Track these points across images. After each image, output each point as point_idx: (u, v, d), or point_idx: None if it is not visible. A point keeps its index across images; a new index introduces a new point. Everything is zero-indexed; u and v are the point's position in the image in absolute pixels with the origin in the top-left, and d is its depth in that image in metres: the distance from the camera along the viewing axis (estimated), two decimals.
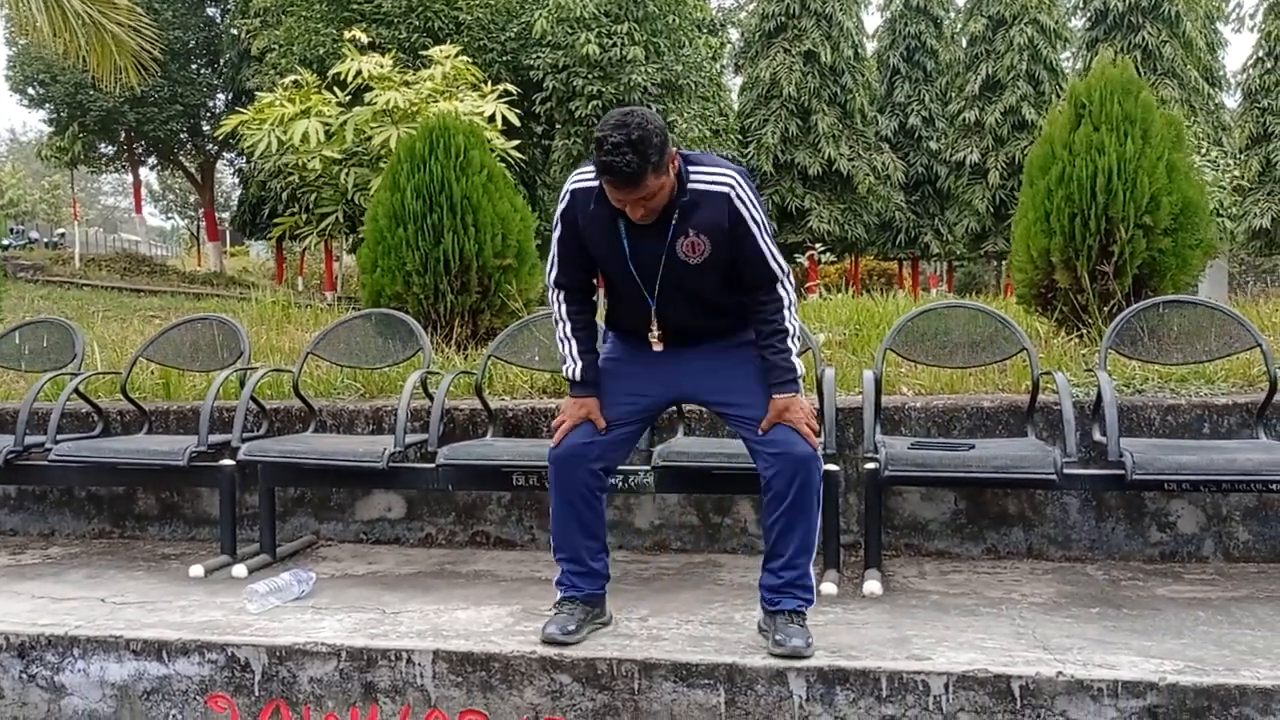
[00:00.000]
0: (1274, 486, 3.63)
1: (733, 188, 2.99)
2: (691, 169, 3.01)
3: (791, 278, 3.13)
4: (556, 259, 3.20)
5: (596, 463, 3.26)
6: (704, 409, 4.14)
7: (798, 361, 3.13)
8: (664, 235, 3.01)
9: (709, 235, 3.00)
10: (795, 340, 3.11)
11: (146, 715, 3.36)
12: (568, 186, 3.14)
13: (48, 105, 30.32)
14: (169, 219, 66.22)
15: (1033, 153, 5.75)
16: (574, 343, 3.24)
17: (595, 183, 3.00)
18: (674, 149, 2.94)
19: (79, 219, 34.90)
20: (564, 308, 3.24)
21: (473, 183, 6.07)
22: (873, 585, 3.76)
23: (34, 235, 41.26)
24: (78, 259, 28.66)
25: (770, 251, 3.07)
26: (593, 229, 3.10)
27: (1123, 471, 3.60)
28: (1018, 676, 2.89)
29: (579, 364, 3.23)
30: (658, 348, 3.17)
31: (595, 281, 3.32)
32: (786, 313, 3.09)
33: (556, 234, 3.17)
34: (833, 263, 29.97)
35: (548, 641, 3.18)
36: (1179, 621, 3.36)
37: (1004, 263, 30.02)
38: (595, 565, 3.34)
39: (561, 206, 3.15)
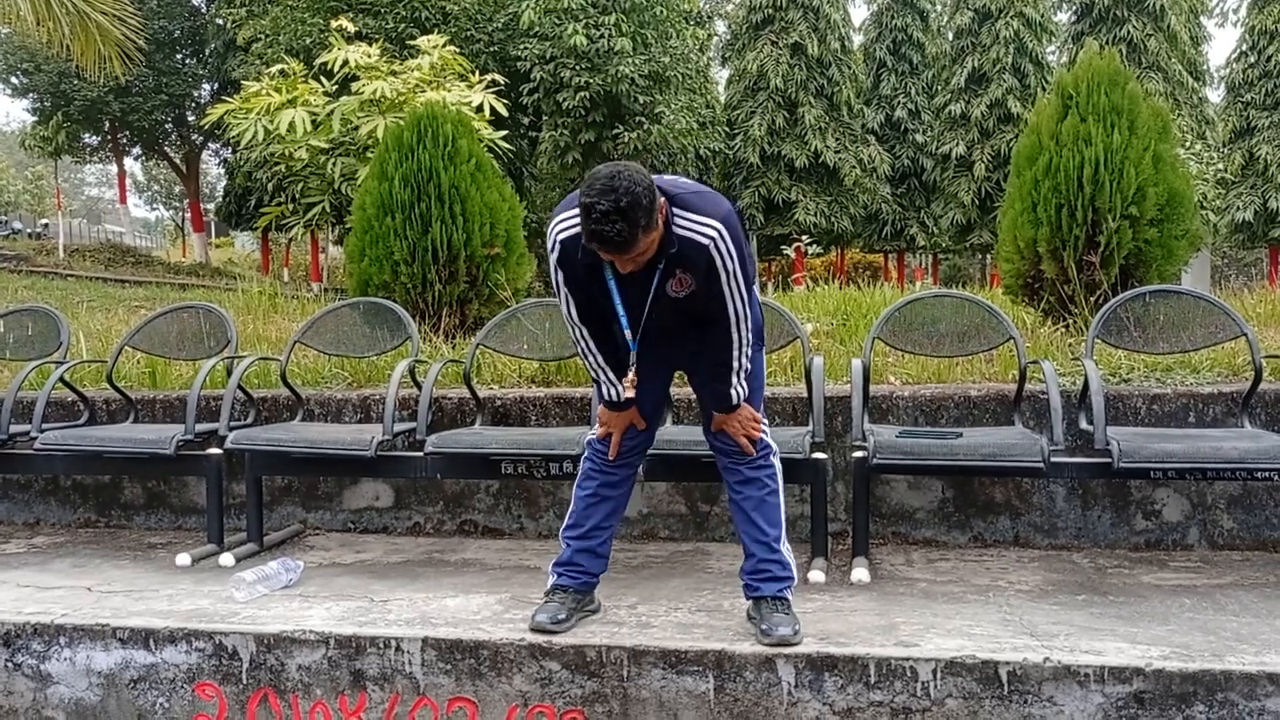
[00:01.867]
0: (1258, 475, 3.66)
1: (714, 241, 2.95)
2: (678, 214, 2.96)
3: (751, 323, 3.14)
4: (569, 299, 3.17)
5: (640, 452, 3.44)
6: (692, 398, 4.14)
7: (738, 389, 3.18)
8: (650, 281, 3.02)
9: (693, 274, 3.01)
10: (739, 374, 3.17)
11: (133, 704, 3.35)
12: (554, 235, 3.08)
13: (31, 95, 30.07)
14: (154, 210, 65.88)
15: (1020, 143, 5.76)
16: (610, 370, 3.24)
17: (578, 230, 2.92)
18: (661, 200, 2.88)
19: (63, 209, 34.66)
20: (590, 343, 3.23)
21: (461, 172, 6.06)
22: (860, 573, 3.78)
23: (17, 226, 40.97)
24: (62, 249, 28.48)
25: (734, 301, 3.05)
26: (581, 273, 3.08)
27: (1109, 460, 3.61)
28: (1005, 663, 2.90)
29: (618, 387, 3.25)
30: (629, 393, 3.20)
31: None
32: (735, 352, 3.13)
33: (559, 278, 3.14)
34: (819, 255, 29.97)
35: (537, 629, 3.19)
36: (1165, 608, 3.38)
37: (989, 256, 30.12)
38: (603, 549, 3.39)
39: (554, 256, 3.11)
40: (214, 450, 4.38)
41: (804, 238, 22.33)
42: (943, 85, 29.12)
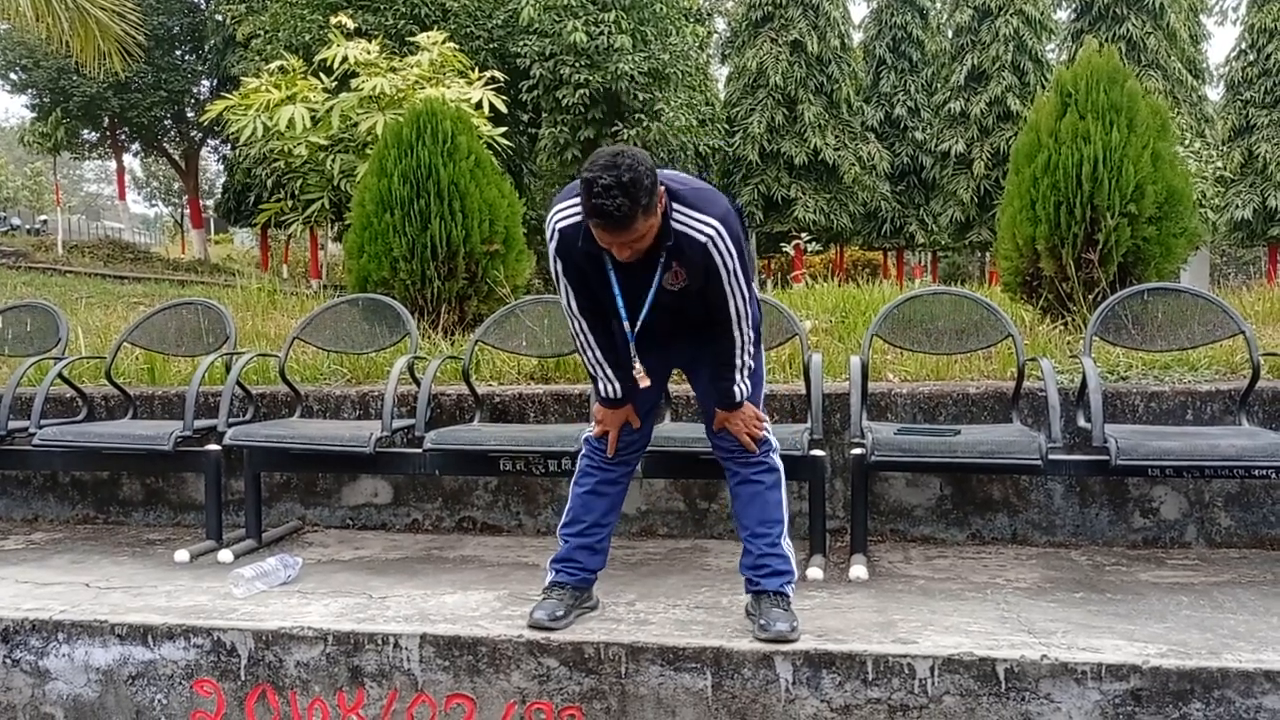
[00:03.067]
0: (1256, 472, 3.66)
1: (712, 239, 2.95)
2: (677, 210, 2.96)
3: (752, 320, 3.15)
4: (569, 289, 3.17)
5: (638, 450, 3.45)
6: (690, 395, 4.14)
7: (741, 386, 3.19)
8: (650, 275, 3.03)
9: (689, 269, 3.02)
10: (742, 372, 3.18)
11: (132, 700, 3.35)
12: (554, 224, 3.08)
13: (30, 90, 30.04)
14: (153, 206, 65.80)
15: (1019, 141, 5.77)
16: (607, 366, 3.25)
17: (578, 218, 2.95)
18: (661, 187, 2.89)
19: (61, 206, 34.62)
20: (589, 336, 3.23)
21: (460, 168, 6.06)
22: (858, 570, 3.78)
23: (16, 222, 40.93)
24: (60, 246, 28.43)
25: (735, 299, 3.06)
26: (587, 267, 3.08)
27: (1107, 457, 3.61)
28: (1003, 659, 2.91)
29: (617, 384, 3.27)
30: (644, 383, 3.20)
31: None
32: (737, 350, 3.14)
33: (558, 268, 3.14)
34: (818, 252, 29.96)
35: (535, 626, 3.19)
36: (1162, 606, 3.38)
37: (988, 253, 30.10)
38: (601, 546, 3.39)
39: (553, 245, 3.11)
40: (213, 446, 4.38)
41: (803, 235, 22.34)
42: (942, 83, 29.11)
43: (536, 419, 4.69)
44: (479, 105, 9.35)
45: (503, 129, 9.48)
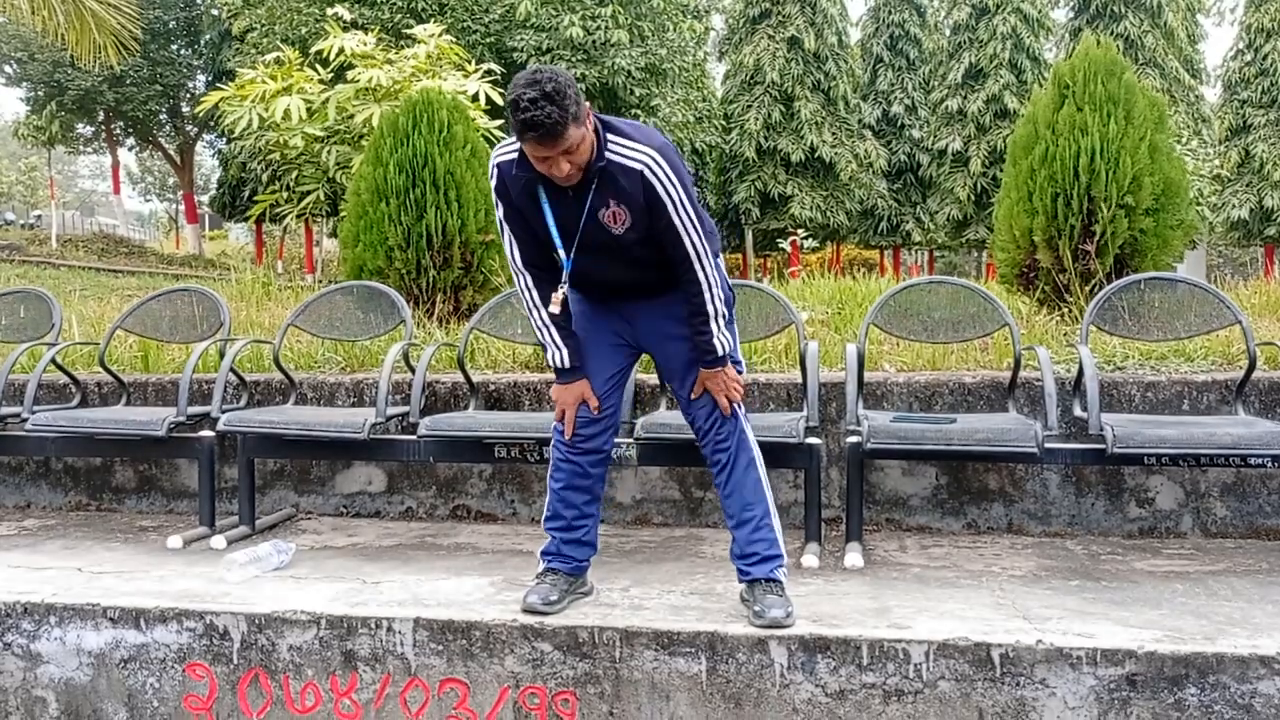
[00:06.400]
0: (1252, 461, 3.66)
1: (648, 165, 2.93)
2: (611, 138, 2.96)
3: (711, 255, 3.09)
4: (512, 239, 3.16)
5: (605, 435, 3.31)
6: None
7: (722, 339, 3.14)
8: (583, 201, 2.99)
9: (629, 206, 2.98)
10: (718, 320, 3.12)
11: (124, 683, 3.33)
12: (492, 162, 3.09)
13: (25, 84, 29.97)
14: (147, 201, 65.69)
15: (1016, 133, 5.76)
16: (554, 329, 3.20)
17: (516, 153, 2.98)
18: (588, 105, 2.91)
19: (56, 201, 34.54)
20: (535, 294, 3.19)
21: (456, 157, 6.04)
22: (854, 558, 3.77)
23: (10, 216, 40.91)
24: (55, 240, 28.39)
25: (688, 230, 3.01)
26: (522, 200, 3.07)
27: (1103, 445, 3.61)
28: (998, 645, 2.90)
29: (563, 350, 3.21)
30: (554, 309, 3.14)
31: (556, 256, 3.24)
32: (706, 295, 3.08)
33: (500, 213, 3.15)
34: (814, 250, 29.97)
35: (528, 610, 3.17)
36: (1157, 593, 3.38)
37: (984, 252, 30.13)
38: (588, 537, 3.35)
39: (493, 184, 3.12)
40: (206, 433, 4.36)
41: (799, 232, 22.33)
42: (939, 81, 29.14)
43: (531, 406, 4.67)
44: (475, 97, 9.34)
45: (499, 121, 9.45)
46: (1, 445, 4.80)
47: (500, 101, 9.75)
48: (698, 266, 3.06)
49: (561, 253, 3.10)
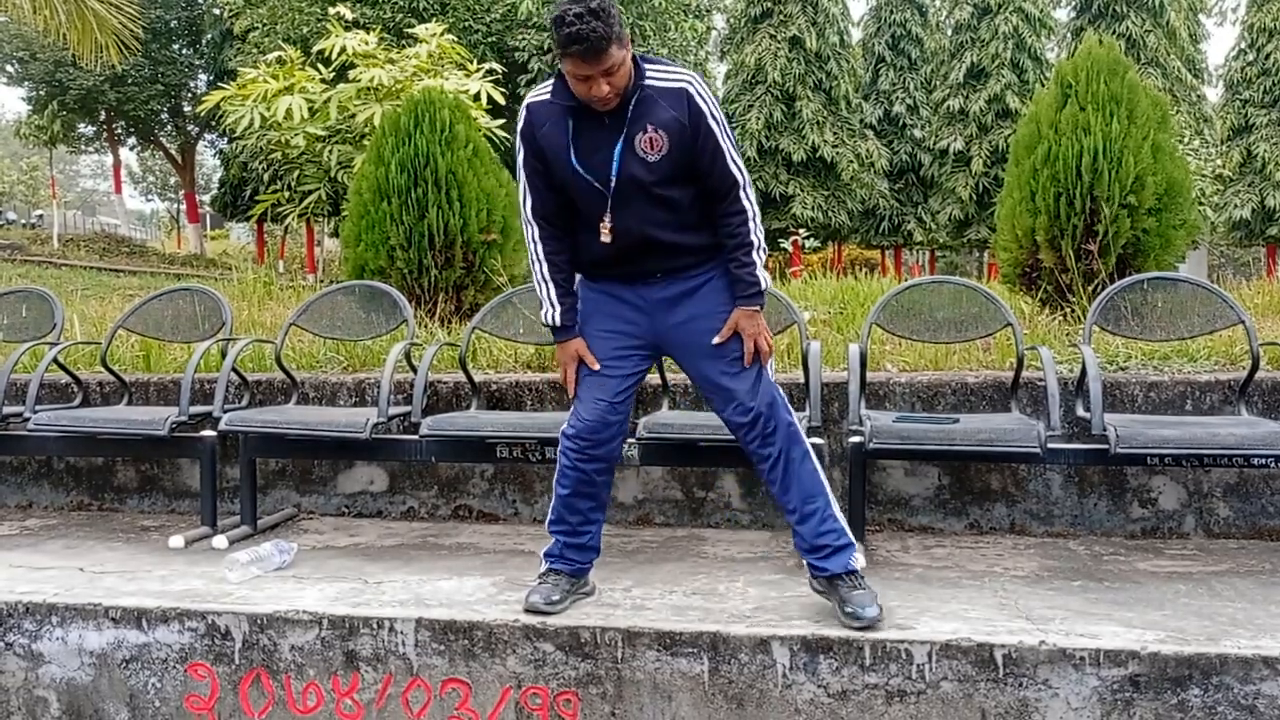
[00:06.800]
0: (1255, 462, 3.65)
1: (691, 83, 2.99)
2: (648, 67, 3.00)
3: (752, 187, 3.10)
4: (526, 187, 3.16)
5: (614, 442, 3.26)
6: (688, 383, 4.13)
7: (763, 275, 3.11)
8: (620, 127, 2.98)
9: (667, 130, 2.97)
10: (760, 252, 3.10)
11: (125, 684, 3.33)
12: (524, 106, 3.11)
13: (27, 83, 30.00)
14: (149, 201, 65.73)
15: (1019, 132, 5.76)
16: (551, 285, 3.19)
17: (548, 95, 3.02)
18: (627, 33, 2.93)
19: (57, 200, 34.57)
20: (540, 246, 3.18)
21: (458, 157, 6.04)
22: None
23: (11, 216, 40.92)
24: (56, 239, 28.41)
25: (731, 155, 3.04)
26: (550, 137, 3.05)
27: (1106, 446, 3.60)
28: (1000, 645, 2.89)
29: (558, 308, 3.20)
30: (605, 238, 3.07)
31: (569, 213, 3.20)
32: (750, 224, 3.08)
33: (520, 158, 3.15)
34: (816, 250, 29.99)
35: (530, 610, 3.17)
36: (1160, 594, 3.37)
37: (986, 252, 30.12)
38: (592, 541, 3.33)
39: (519, 126, 3.12)
40: (208, 432, 4.36)
41: (801, 231, 22.33)
42: (941, 80, 29.15)
43: (533, 406, 4.67)
44: (477, 97, 9.34)
45: (501, 121, 9.46)
46: (3, 445, 4.80)
47: (501, 101, 9.78)
48: (741, 193, 3.06)
49: (601, 189, 3.03)
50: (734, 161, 3.05)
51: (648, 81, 2.98)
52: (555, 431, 3.89)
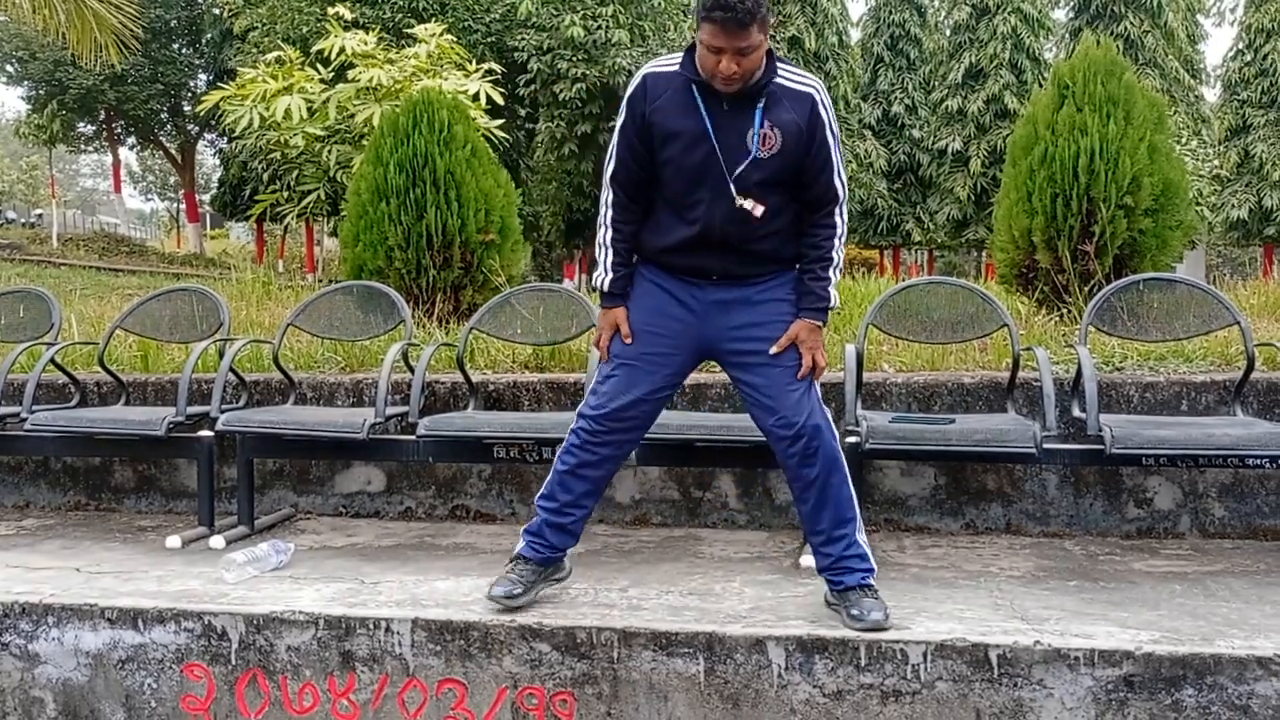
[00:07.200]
0: (1250, 462, 3.65)
1: (818, 92, 3.00)
2: (780, 66, 3.00)
3: (848, 207, 3.11)
4: (615, 151, 3.12)
5: (634, 432, 3.24)
6: (688, 380, 4.13)
7: (834, 293, 3.11)
8: (747, 117, 2.96)
9: (783, 131, 2.96)
10: (837, 271, 3.10)
11: (122, 684, 3.34)
12: (642, 71, 3.08)
13: (26, 83, 30.00)
14: (148, 200, 65.75)
15: (1016, 133, 5.77)
16: (611, 252, 3.17)
17: (674, 68, 3.00)
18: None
19: (57, 199, 34.57)
20: (611, 212, 3.16)
21: (456, 157, 6.04)
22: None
23: (10, 215, 40.91)
24: (55, 239, 28.41)
25: (839, 171, 3.04)
26: (666, 110, 3.00)
27: (1102, 446, 3.60)
28: (995, 646, 2.90)
29: (610, 275, 3.18)
30: (758, 212, 2.99)
31: (650, 189, 3.16)
32: (837, 242, 3.09)
33: (619, 121, 3.10)
34: None
35: (493, 600, 3.17)
36: (1155, 594, 3.38)
37: (984, 252, 30.14)
38: (574, 527, 3.30)
39: (630, 90, 3.08)
40: (205, 432, 4.36)
41: None
42: (939, 81, 29.16)
43: (531, 407, 4.68)
44: (476, 97, 9.35)
45: (500, 121, 9.46)
46: (1, 445, 4.80)
47: (500, 101, 9.79)
48: (838, 210, 3.07)
49: (727, 172, 2.98)
50: (840, 178, 3.05)
51: (778, 80, 2.97)
52: (553, 432, 3.93)
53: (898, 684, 2.93)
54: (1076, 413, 4.00)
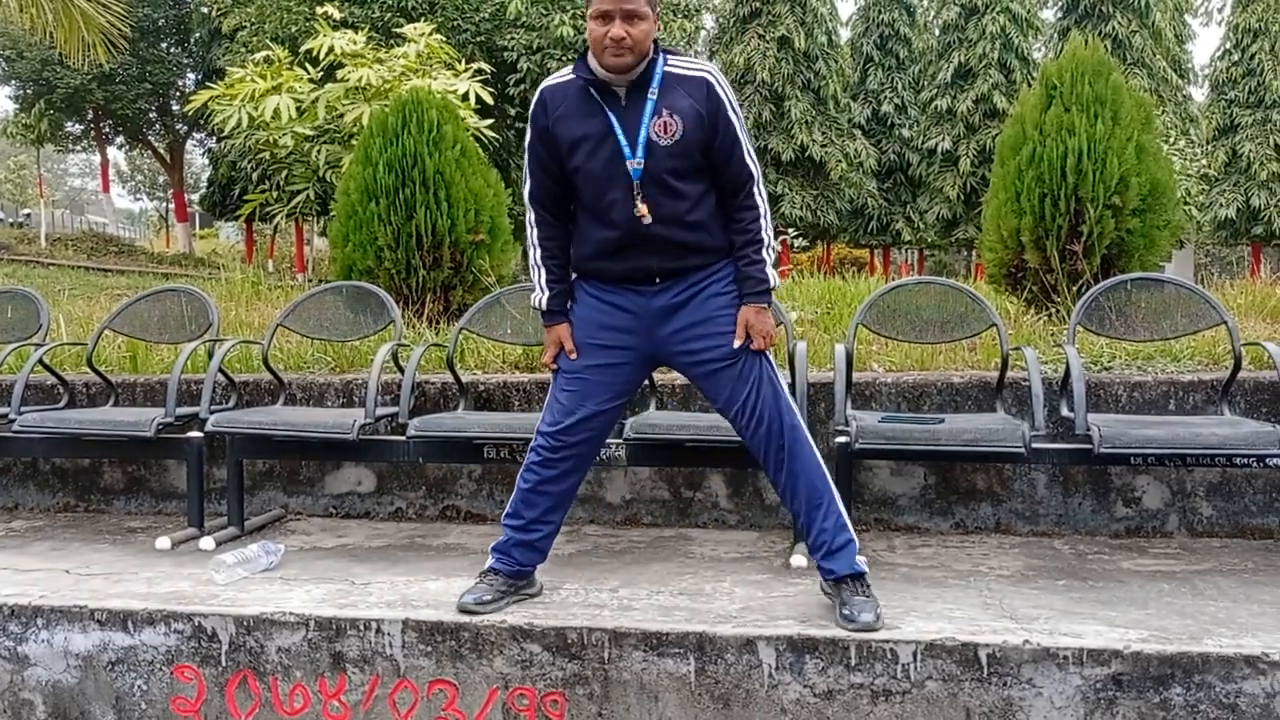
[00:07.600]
0: (1237, 461, 3.68)
1: (711, 73, 3.03)
2: (669, 55, 3.04)
3: (764, 184, 3.13)
4: (528, 169, 3.18)
5: (586, 444, 3.26)
6: (679, 379, 4.14)
7: (772, 273, 3.12)
8: (640, 109, 3.00)
9: (682, 117, 2.99)
10: (770, 250, 3.11)
11: (111, 686, 3.33)
12: (540, 87, 3.13)
13: (14, 82, 29.85)
14: (137, 200, 65.52)
15: (1004, 133, 5.78)
16: (544, 270, 3.23)
17: (570, 77, 3.05)
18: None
19: (45, 199, 34.41)
20: (536, 231, 3.22)
21: (445, 157, 6.03)
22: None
23: None
24: (44, 239, 28.29)
25: (748, 149, 3.07)
26: (565, 120, 3.05)
27: (1090, 445, 3.62)
28: (985, 645, 2.91)
29: (547, 293, 3.24)
30: (647, 220, 3.02)
31: (568, 202, 3.22)
32: (762, 221, 3.10)
33: (527, 141, 3.16)
34: (805, 249, 30.02)
35: (461, 609, 3.17)
36: (1143, 593, 3.39)
37: (974, 251, 30.20)
38: (541, 544, 3.33)
39: (532, 108, 3.15)
40: (195, 433, 4.35)
41: (790, 231, 22.35)
42: (929, 80, 29.19)
43: (521, 407, 4.67)
44: (465, 96, 9.33)
45: (489, 121, 9.45)
46: None
47: (489, 100, 9.77)
48: (755, 189, 3.08)
49: (630, 160, 3.01)
50: (750, 156, 3.08)
51: (669, 68, 3.01)
52: None
53: (888, 683, 2.94)
54: (1065, 412, 4.02)
